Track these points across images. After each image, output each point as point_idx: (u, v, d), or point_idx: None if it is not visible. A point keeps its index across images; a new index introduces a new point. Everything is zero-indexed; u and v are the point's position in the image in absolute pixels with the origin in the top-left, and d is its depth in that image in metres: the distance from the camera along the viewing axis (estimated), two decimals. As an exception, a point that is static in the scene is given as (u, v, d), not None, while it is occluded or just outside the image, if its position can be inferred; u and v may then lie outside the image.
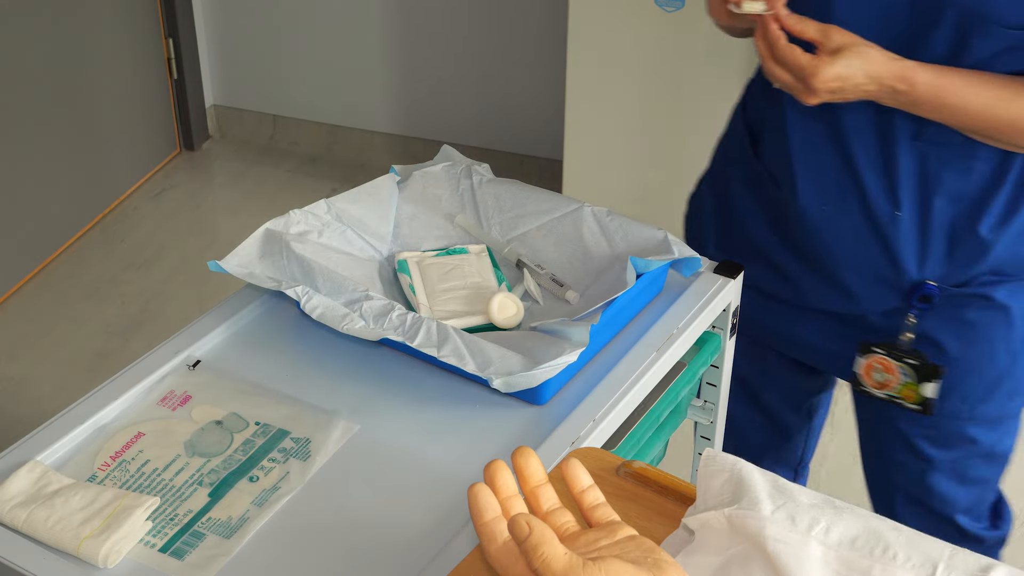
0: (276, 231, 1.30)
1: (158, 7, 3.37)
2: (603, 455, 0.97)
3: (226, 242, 3.15)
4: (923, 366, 1.39)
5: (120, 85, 3.30)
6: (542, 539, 0.69)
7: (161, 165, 3.52)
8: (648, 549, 0.73)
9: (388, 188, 1.41)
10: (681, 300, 1.32)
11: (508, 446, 1.12)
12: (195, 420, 1.16)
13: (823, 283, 1.41)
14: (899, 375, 1.40)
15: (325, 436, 1.13)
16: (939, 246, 1.33)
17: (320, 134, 3.59)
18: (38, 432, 1.13)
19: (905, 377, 1.40)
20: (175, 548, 1.02)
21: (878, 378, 1.42)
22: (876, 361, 1.41)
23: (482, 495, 0.75)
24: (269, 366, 1.24)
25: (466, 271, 1.33)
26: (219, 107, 3.68)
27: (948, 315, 1.37)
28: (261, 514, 1.05)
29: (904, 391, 1.41)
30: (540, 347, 1.16)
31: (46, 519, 1.01)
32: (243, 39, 3.54)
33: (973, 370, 1.40)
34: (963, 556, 0.78)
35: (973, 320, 1.37)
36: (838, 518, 0.80)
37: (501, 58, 3.26)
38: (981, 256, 1.33)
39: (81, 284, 3.01)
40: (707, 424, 1.50)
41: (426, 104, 3.42)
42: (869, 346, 1.42)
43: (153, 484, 1.08)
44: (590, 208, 1.37)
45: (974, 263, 1.34)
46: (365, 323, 1.19)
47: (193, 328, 1.28)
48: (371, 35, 3.37)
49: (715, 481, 0.85)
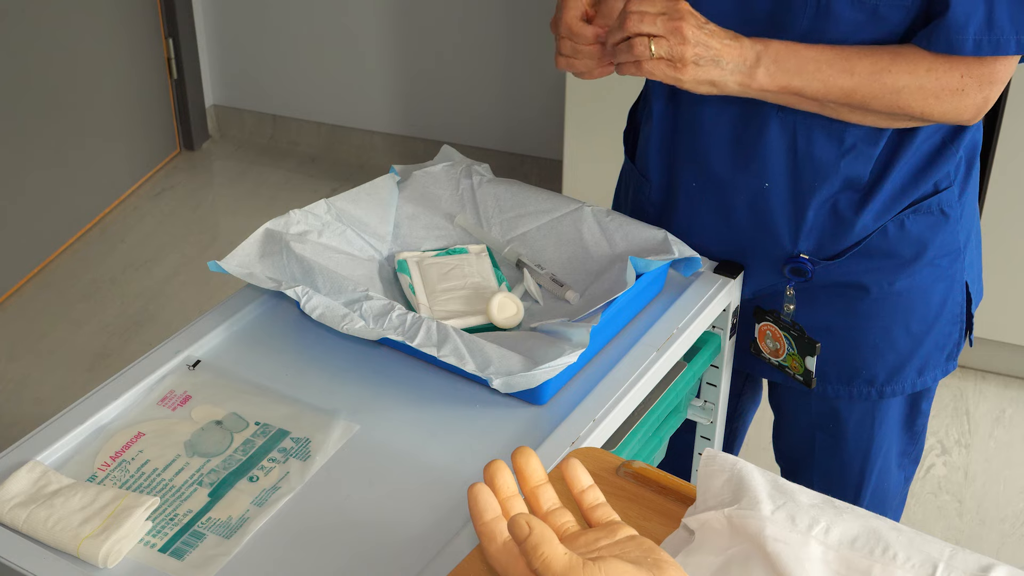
0: (276, 231, 1.30)
1: (158, 7, 3.37)
2: (603, 455, 0.97)
3: (226, 242, 3.14)
4: (802, 338, 1.40)
5: (120, 85, 3.30)
6: (542, 539, 0.69)
7: (161, 165, 3.52)
8: (648, 549, 0.73)
9: (388, 188, 1.41)
10: (681, 300, 1.32)
11: (508, 446, 1.12)
12: (195, 420, 1.16)
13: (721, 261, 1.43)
14: (786, 344, 1.42)
15: (325, 436, 1.13)
16: (811, 219, 1.33)
17: (320, 134, 3.59)
18: (38, 432, 1.13)
19: (790, 349, 1.42)
20: (175, 548, 1.02)
21: (770, 345, 1.44)
22: (767, 328, 1.43)
23: (482, 495, 0.75)
24: (269, 366, 1.24)
25: (466, 271, 1.33)
26: (219, 107, 3.68)
27: (824, 291, 1.38)
28: (261, 514, 1.05)
29: (791, 361, 1.43)
30: (540, 347, 1.16)
31: (46, 519, 1.01)
32: (243, 39, 3.54)
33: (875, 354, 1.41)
34: (963, 556, 0.78)
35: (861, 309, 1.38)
36: (838, 518, 0.80)
37: (501, 58, 3.26)
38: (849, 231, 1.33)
39: (81, 284, 3.01)
40: (707, 424, 1.50)
41: (426, 104, 3.42)
42: (762, 313, 1.43)
43: (153, 484, 1.08)
44: (590, 208, 1.37)
45: (843, 238, 1.34)
46: (365, 323, 1.19)
47: (193, 328, 1.28)
48: (371, 35, 3.37)
49: (715, 481, 0.85)
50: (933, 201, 1.33)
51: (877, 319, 1.39)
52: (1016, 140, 2.32)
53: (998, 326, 2.51)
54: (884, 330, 1.39)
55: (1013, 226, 2.38)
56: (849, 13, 1.20)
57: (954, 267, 1.38)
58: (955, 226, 1.36)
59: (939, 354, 1.43)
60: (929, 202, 1.33)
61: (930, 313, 1.39)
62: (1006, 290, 2.44)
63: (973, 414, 2.54)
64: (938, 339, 1.42)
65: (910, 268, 1.36)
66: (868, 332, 1.40)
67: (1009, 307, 2.49)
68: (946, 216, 1.35)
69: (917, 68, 1.20)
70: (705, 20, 1.18)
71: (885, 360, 1.41)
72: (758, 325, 1.44)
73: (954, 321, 1.42)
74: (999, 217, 2.38)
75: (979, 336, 2.51)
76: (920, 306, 1.39)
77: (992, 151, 2.34)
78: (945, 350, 1.44)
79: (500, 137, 3.36)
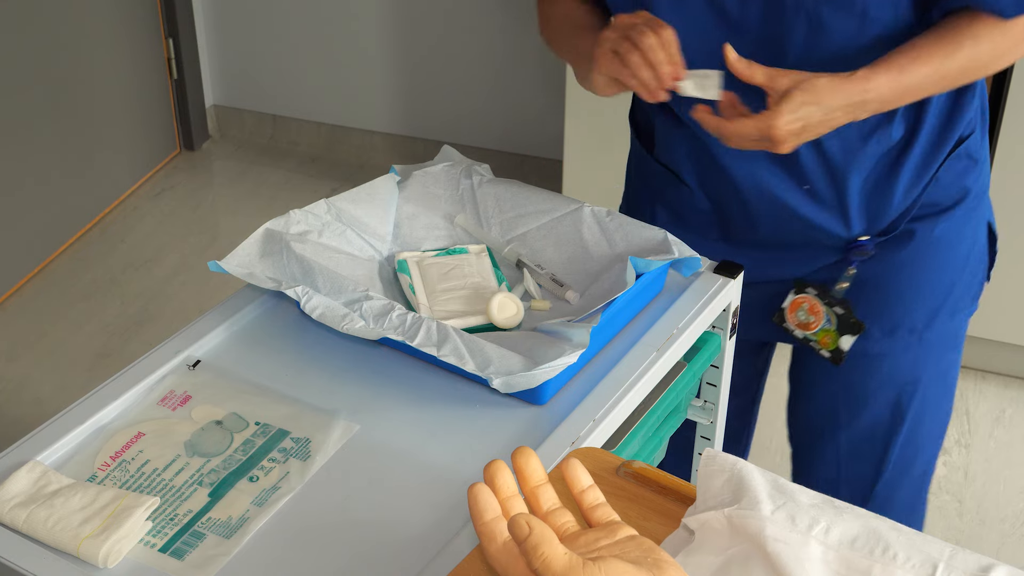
0: (276, 231, 1.30)
1: (158, 7, 3.37)
2: (603, 455, 0.97)
3: (226, 242, 3.14)
4: (848, 318, 1.42)
5: (120, 85, 3.30)
6: (542, 539, 0.69)
7: (161, 165, 3.52)
8: (648, 549, 0.73)
9: (388, 188, 1.41)
10: (681, 300, 1.32)
11: (508, 446, 1.12)
12: (195, 420, 1.16)
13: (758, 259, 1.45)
14: (822, 320, 1.43)
15: (325, 436, 1.13)
16: (857, 202, 1.37)
17: (320, 134, 3.59)
18: (38, 432, 1.13)
19: (827, 324, 1.43)
20: (175, 548, 1.02)
21: (801, 317, 1.44)
22: (805, 300, 1.44)
23: (482, 495, 0.75)
24: (269, 366, 1.24)
25: (466, 271, 1.33)
26: (219, 107, 3.68)
27: (880, 258, 1.42)
28: (261, 514, 1.05)
29: (822, 336, 1.44)
30: (540, 347, 1.16)
31: (46, 519, 1.01)
32: (243, 39, 3.54)
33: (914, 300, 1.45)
34: (963, 556, 0.78)
35: (903, 256, 1.42)
36: (838, 518, 0.80)
37: (501, 58, 3.26)
38: (896, 199, 1.38)
39: (81, 284, 3.01)
40: (707, 424, 1.50)
41: (426, 104, 3.42)
42: (804, 285, 1.44)
43: (153, 484, 1.08)
44: (590, 208, 1.38)
45: (892, 208, 1.39)
46: (365, 323, 1.19)
47: (193, 328, 1.28)
48: (371, 35, 3.37)
49: (715, 481, 0.85)
50: (962, 149, 1.39)
51: (918, 265, 1.43)
52: (1016, 139, 2.32)
53: (998, 326, 2.51)
54: (924, 275, 1.43)
55: (1013, 226, 2.38)
56: (840, 22, 1.22)
57: (980, 207, 1.45)
58: (982, 168, 1.43)
59: (967, 295, 1.48)
60: (959, 151, 1.38)
61: (962, 254, 1.45)
62: (1006, 290, 2.44)
63: (973, 414, 2.54)
64: (968, 279, 1.47)
65: (949, 213, 1.41)
66: (910, 278, 1.43)
67: (1009, 307, 2.48)
68: (974, 160, 1.41)
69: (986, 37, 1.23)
70: None
71: (925, 305, 1.45)
72: (794, 296, 1.45)
73: (980, 260, 1.49)
74: (999, 217, 2.37)
75: (979, 336, 2.51)
76: (956, 247, 1.44)
77: (992, 151, 2.34)
78: (971, 290, 1.49)
79: (500, 137, 3.36)
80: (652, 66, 1.19)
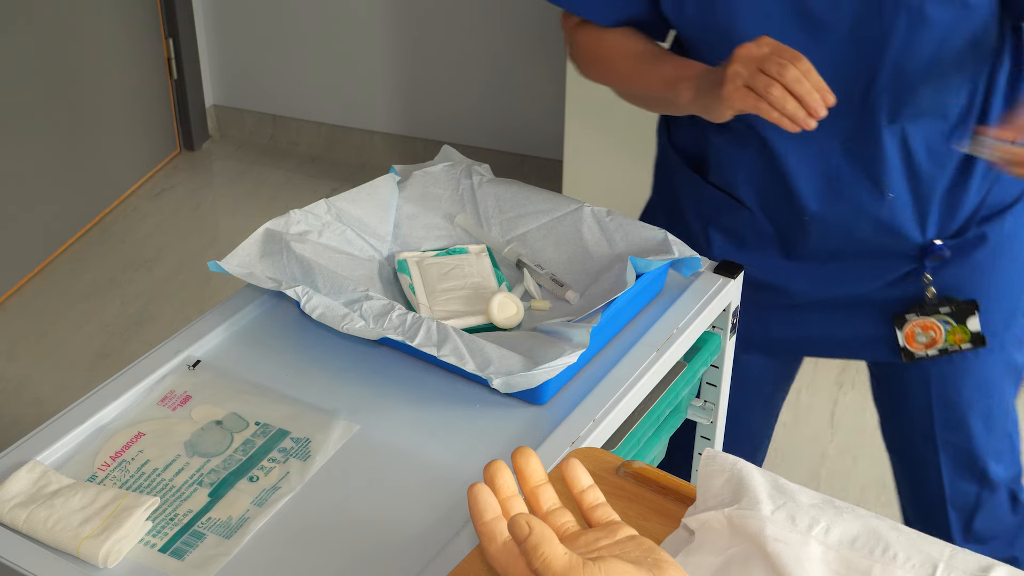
0: (276, 231, 1.30)
1: (158, 7, 3.37)
2: (603, 455, 0.97)
3: (226, 242, 3.14)
4: (959, 307, 1.43)
5: (120, 85, 3.29)
6: (542, 539, 0.69)
7: (161, 165, 3.52)
8: (648, 549, 0.73)
9: (388, 188, 1.41)
10: (681, 300, 1.32)
11: (508, 446, 1.12)
12: (195, 420, 1.16)
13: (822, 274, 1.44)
14: (941, 328, 1.44)
15: (325, 436, 1.13)
16: (934, 208, 1.38)
17: (320, 134, 3.59)
18: (38, 432, 1.13)
19: (947, 326, 1.44)
20: (175, 548, 1.02)
21: (923, 340, 1.45)
22: (915, 326, 1.45)
23: (482, 495, 0.75)
24: (269, 366, 1.24)
25: (466, 271, 1.33)
26: (219, 107, 3.68)
27: (957, 263, 1.42)
28: (261, 514, 1.05)
29: (952, 338, 1.45)
30: (540, 347, 1.16)
31: (46, 519, 1.01)
32: (243, 39, 3.54)
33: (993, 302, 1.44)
34: (963, 556, 0.78)
35: (979, 259, 1.42)
36: (838, 518, 0.80)
37: (501, 58, 3.26)
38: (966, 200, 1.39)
39: (81, 284, 3.01)
40: (707, 424, 1.50)
41: (426, 104, 3.42)
42: (902, 317, 1.45)
43: (153, 484, 1.08)
44: (590, 208, 1.38)
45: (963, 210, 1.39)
46: (365, 323, 1.19)
47: (193, 328, 1.28)
48: (371, 35, 3.37)
49: (715, 481, 0.85)
50: None
51: (995, 266, 1.43)
52: None
53: None
54: (1002, 276, 1.45)
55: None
56: (942, 14, 1.22)
57: None
58: None
59: None
60: None
61: None
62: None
63: None
64: None
65: (1012, 208, 1.42)
66: (989, 280, 1.44)
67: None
68: None
69: None
70: None
71: (1003, 306, 1.46)
72: (902, 331, 1.45)
73: None
74: None
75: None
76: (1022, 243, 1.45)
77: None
78: None
79: (500, 137, 3.36)
80: (799, 97, 1.18)
